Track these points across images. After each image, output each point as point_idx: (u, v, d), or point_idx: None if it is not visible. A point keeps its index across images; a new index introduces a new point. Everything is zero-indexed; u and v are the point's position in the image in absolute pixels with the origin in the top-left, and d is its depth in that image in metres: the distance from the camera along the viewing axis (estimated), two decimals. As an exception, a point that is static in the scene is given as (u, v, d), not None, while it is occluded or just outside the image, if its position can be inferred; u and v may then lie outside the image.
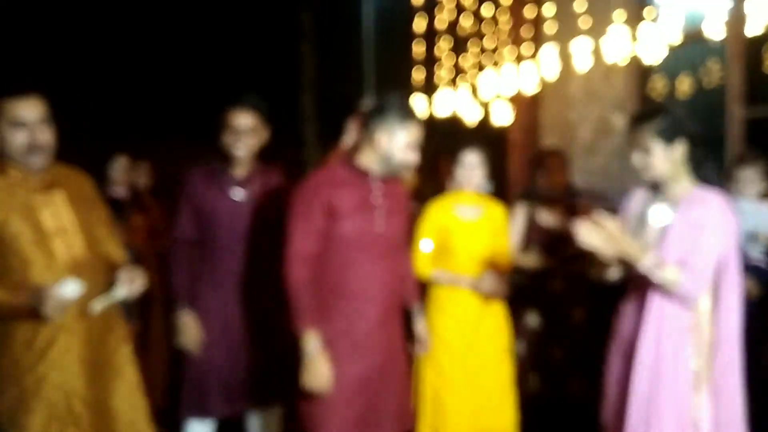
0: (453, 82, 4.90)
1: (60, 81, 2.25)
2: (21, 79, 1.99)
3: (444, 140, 2.72)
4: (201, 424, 2.62)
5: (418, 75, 4.81)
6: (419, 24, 4.65)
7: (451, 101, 4.87)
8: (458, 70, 4.79)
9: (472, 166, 2.79)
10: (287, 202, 2.30)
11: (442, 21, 4.72)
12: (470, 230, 2.80)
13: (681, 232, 1.94)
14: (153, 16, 7.07)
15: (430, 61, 4.84)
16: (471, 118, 4.82)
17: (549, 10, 4.09)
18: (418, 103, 4.71)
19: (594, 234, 1.88)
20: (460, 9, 4.72)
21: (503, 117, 4.72)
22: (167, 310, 3.96)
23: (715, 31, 3.04)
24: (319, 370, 2.13)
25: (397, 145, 2.19)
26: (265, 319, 2.61)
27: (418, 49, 4.73)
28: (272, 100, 2.83)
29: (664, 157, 1.95)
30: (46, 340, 1.96)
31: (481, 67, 4.64)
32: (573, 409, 3.10)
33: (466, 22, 4.72)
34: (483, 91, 4.56)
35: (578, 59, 3.68)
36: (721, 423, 1.96)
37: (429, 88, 4.88)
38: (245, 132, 2.52)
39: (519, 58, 4.54)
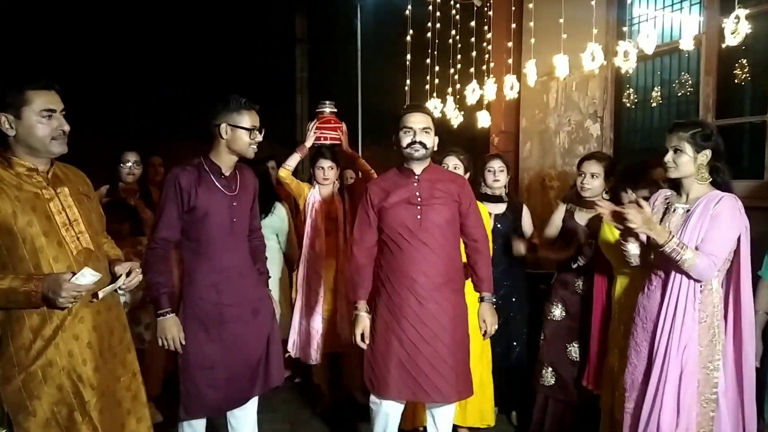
0: (441, 89, 4.83)
1: (65, 79, 2.16)
2: (44, 73, 1.97)
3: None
4: (198, 421, 2.51)
5: (408, 82, 4.72)
6: (409, 33, 4.56)
7: (438, 108, 4.79)
8: (446, 78, 4.72)
9: (454, 169, 3.15)
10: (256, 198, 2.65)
11: (432, 31, 4.63)
12: None
13: (699, 224, 2.20)
14: (153, 19, 6.90)
15: (420, 69, 4.76)
16: (457, 123, 4.75)
17: (531, 22, 4.00)
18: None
19: (638, 215, 2.15)
20: (449, 21, 4.65)
21: (487, 123, 4.65)
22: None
23: (689, 43, 2.96)
24: (360, 328, 2.59)
25: None
26: (255, 309, 2.56)
27: (409, 56, 4.63)
28: (268, 100, 2.75)
29: (691, 160, 2.23)
30: (55, 327, 1.89)
31: (467, 76, 4.56)
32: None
33: (455, 34, 4.64)
34: (468, 99, 4.48)
35: (557, 69, 3.59)
36: (741, 383, 2.25)
37: (418, 94, 4.79)
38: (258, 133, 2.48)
39: (502, 68, 4.46)
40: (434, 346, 2.52)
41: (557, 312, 3.14)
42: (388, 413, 2.68)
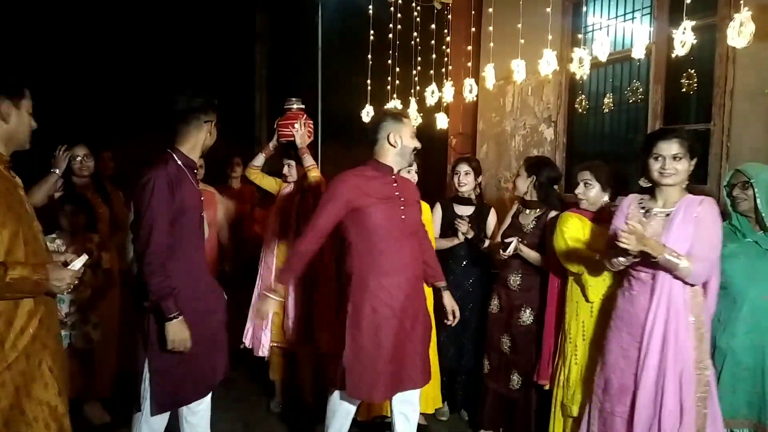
0: (401, 90, 4.83)
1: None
2: (25, 76, 2.02)
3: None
4: (161, 418, 2.44)
5: (369, 82, 4.68)
6: (370, 33, 4.54)
7: (399, 109, 4.80)
8: (407, 80, 4.72)
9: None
10: None
11: (393, 32, 4.62)
12: None
13: (683, 228, 2.22)
14: (108, 11, 6.67)
15: (380, 70, 4.74)
16: (416, 124, 4.76)
17: (490, 26, 4.04)
18: (368, 110, 4.59)
19: (632, 239, 2.15)
20: (410, 22, 4.65)
21: (445, 125, 4.67)
22: (123, 302, 3.75)
23: (641, 52, 3.04)
24: (266, 309, 2.73)
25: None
26: (216, 299, 2.56)
27: (370, 57, 4.61)
28: (227, 97, 2.72)
29: (689, 167, 2.29)
30: (26, 317, 1.88)
31: (427, 78, 4.58)
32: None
33: (416, 36, 4.64)
34: (428, 100, 4.49)
35: (515, 74, 3.64)
36: None
37: (379, 95, 4.77)
38: None
39: (461, 71, 4.50)
40: (414, 337, 2.58)
41: (495, 305, 3.28)
42: (348, 412, 2.69)
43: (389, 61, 4.69)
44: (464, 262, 3.48)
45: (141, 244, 2.25)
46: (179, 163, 2.38)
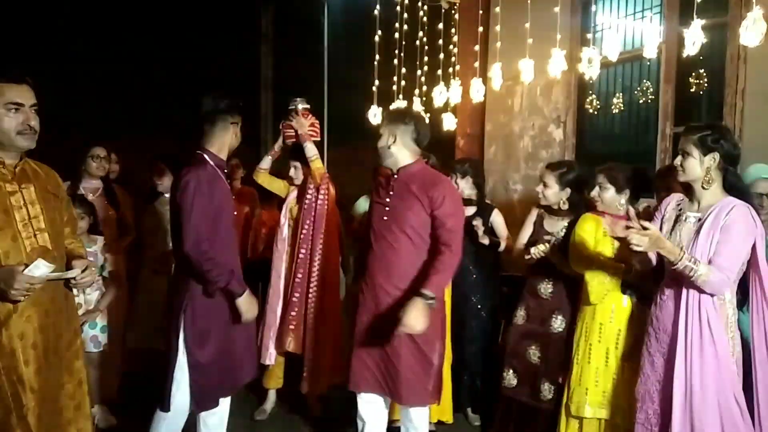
0: (407, 91, 4.82)
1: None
2: (17, 67, 1.96)
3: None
4: (183, 415, 2.46)
5: (376, 83, 4.68)
6: (377, 34, 4.53)
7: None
8: (413, 81, 4.71)
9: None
10: None
11: (399, 32, 4.62)
12: None
13: (710, 235, 2.10)
14: (111, 11, 6.70)
15: (387, 70, 4.73)
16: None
17: (498, 26, 4.03)
18: (375, 111, 4.59)
19: (643, 239, 2.05)
20: (416, 23, 4.64)
21: (452, 125, 4.66)
22: (131, 306, 3.76)
23: (653, 51, 3.03)
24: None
25: None
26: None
27: (375, 57, 4.60)
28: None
29: (697, 163, 2.14)
30: None
31: (434, 78, 4.57)
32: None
33: (422, 35, 4.63)
34: (435, 101, 4.48)
35: (522, 74, 3.63)
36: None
37: (385, 96, 4.77)
38: None
39: (468, 71, 4.48)
40: (384, 346, 2.49)
41: (521, 316, 3.18)
42: (360, 416, 2.65)
43: (395, 62, 4.68)
44: (463, 261, 3.43)
45: (192, 243, 2.28)
46: (212, 163, 2.42)
